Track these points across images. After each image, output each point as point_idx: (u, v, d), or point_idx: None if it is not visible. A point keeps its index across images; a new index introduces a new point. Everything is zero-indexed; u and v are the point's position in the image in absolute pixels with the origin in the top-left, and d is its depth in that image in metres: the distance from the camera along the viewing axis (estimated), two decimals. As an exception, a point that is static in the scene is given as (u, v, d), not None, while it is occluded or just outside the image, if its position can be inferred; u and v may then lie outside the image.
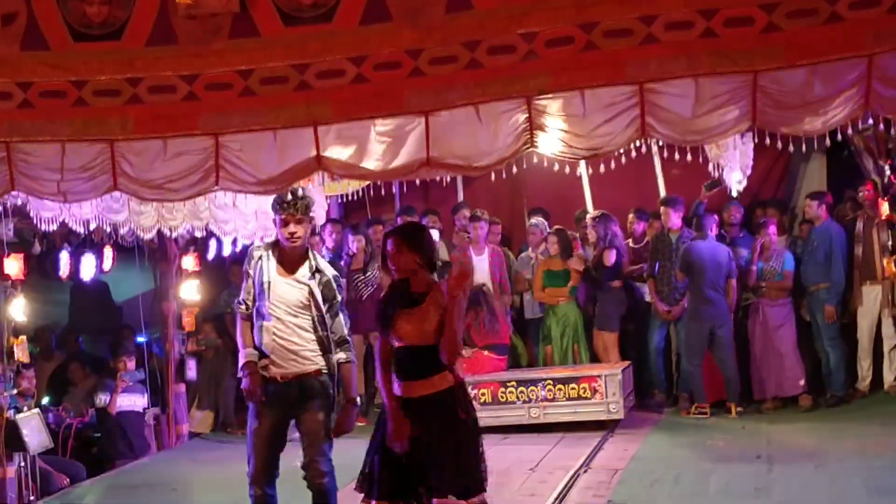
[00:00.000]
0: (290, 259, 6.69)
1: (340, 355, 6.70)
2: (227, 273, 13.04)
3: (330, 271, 6.75)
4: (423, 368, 6.01)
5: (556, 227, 12.61)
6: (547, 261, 12.38)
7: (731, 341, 11.69)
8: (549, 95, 7.24)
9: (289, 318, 6.64)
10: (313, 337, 6.65)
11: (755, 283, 11.87)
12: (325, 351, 6.66)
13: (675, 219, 12.12)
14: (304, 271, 6.68)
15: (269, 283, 6.64)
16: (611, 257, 12.01)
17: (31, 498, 10.33)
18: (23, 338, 10.54)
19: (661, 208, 12.22)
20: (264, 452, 6.64)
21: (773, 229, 11.83)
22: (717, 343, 11.66)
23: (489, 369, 11.68)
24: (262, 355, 6.66)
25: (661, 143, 8.19)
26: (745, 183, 10.86)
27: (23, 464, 10.34)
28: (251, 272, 6.72)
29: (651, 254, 12.31)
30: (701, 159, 7.64)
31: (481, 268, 12.56)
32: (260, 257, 6.72)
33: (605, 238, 12.11)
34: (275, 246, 6.78)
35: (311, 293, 6.63)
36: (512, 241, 13.58)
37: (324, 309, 6.64)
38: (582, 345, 12.31)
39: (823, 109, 6.79)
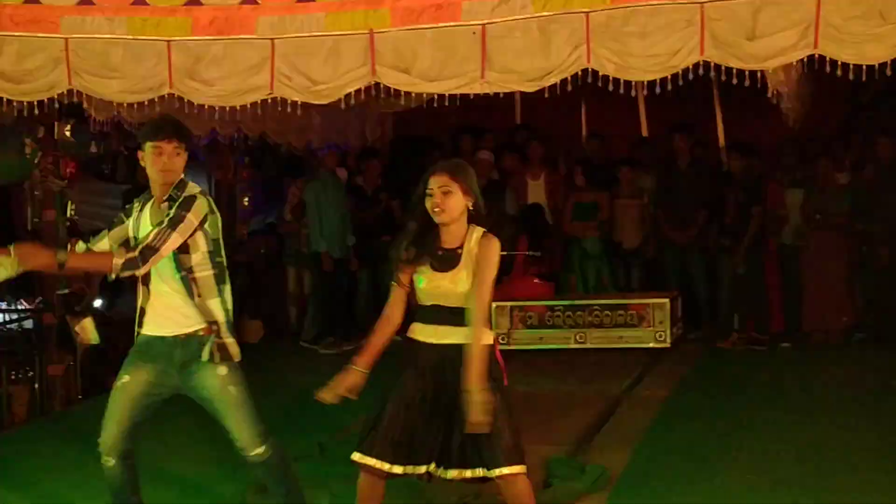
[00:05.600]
0: (160, 200, 5.39)
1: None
2: (280, 185, 13.07)
3: (194, 188, 5.42)
4: (455, 321, 5.10)
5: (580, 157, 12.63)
6: (577, 193, 12.30)
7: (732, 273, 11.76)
8: (608, 11, 7.13)
9: (162, 273, 5.36)
10: (190, 288, 5.37)
11: (809, 219, 11.76)
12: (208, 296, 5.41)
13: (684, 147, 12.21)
14: (166, 209, 5.34)
15: (134, 233, 5.38)
16: None
17: (79, 396, 10.52)
18: (77, 240, 10.67)
19: (676, 135, 12.18)
20: (126, 416, 5.40)
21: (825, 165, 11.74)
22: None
23: (537, 294, 11.71)
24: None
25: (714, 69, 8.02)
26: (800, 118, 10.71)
27: (72, 362, 10.52)
28: (125, 219, 5.46)
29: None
30: (759, 86, 7.49)
31: (537, 192, 12.56)
32: (134, 207, 5.48)
33: None
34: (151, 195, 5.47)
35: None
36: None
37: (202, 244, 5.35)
38: (607, 276, 12.28)
39: (890, 35, 6.63)
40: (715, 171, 12.51)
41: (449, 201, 5.09)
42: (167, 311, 5.40)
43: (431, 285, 5.15)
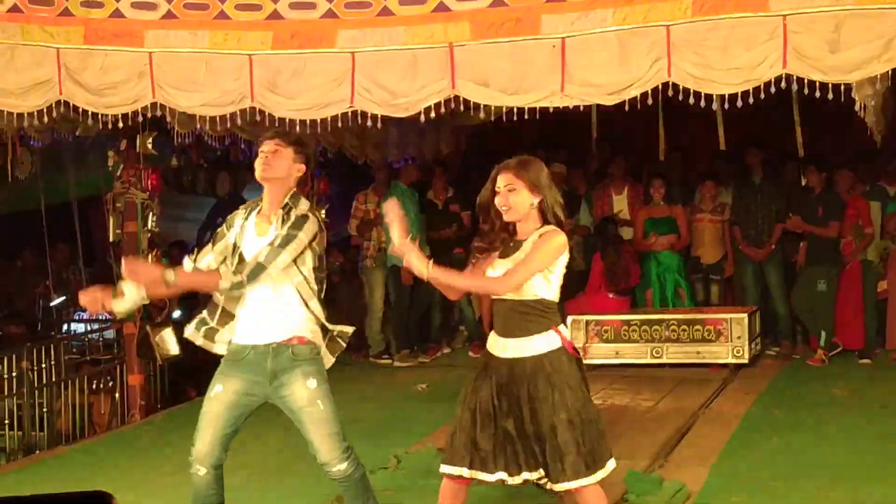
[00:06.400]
0: (267, 209, 5.49)
1: None
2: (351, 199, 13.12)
3: (304, 205, 5.48)
4: (521, 326, 5.10)
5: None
6: (649, 208, 12.22)
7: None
8: (689, 24, 7.10)
9: (266, 283, 5.39)
10: (297, 299, 5.45)
11: (891, 237, 11.61)
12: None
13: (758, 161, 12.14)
14: (276, 220, 5.43)
15: (237, 245, 5.47)
16: None
17: (158, 405, 10.65)
18: (158, 251, 10.82)
19: (749, 150, 12.09)
20: (219, 425, 5.46)
21: None
22: None
23: (612, 309, 11.67)
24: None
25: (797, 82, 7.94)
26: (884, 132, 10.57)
27: (152, 373, 10.66)
28: (226, 231, 5.55)
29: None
30: (843, 99, 7.39)
31: (620, 206, 12.56)
32: (238, 216, 5.57)
33: None
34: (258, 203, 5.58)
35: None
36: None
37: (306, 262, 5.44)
38: (684, 291, 12.18)
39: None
40: (793, 186, 12.38)
41: (514, 199, 5.10)
42: (262, 320, 5.44)
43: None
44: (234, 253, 5.48)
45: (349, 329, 5.70)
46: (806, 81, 7.08)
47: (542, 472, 5.08)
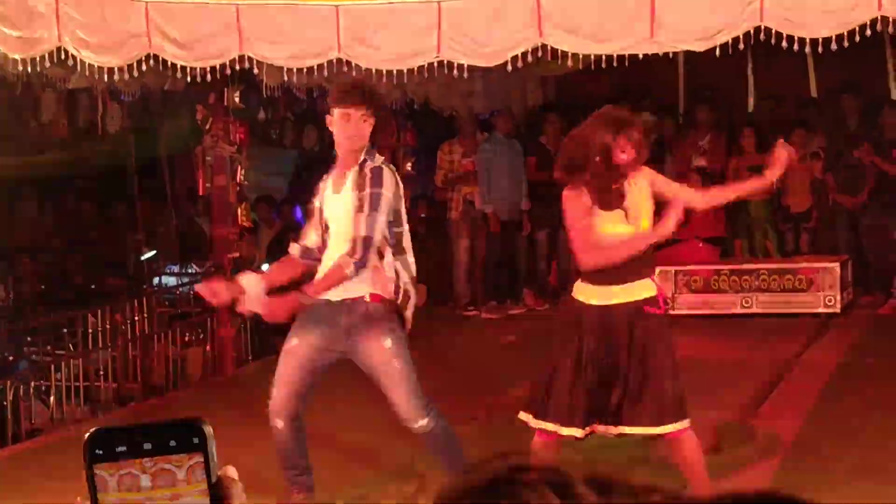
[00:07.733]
0: (343, 167, 5.39)
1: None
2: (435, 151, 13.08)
3: (378, 159, 5.36)
4: (634, 270, 5.07)
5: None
6: (740, 157, 12.03)
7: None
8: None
9: (342, 239, 5.33)
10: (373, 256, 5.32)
11: None
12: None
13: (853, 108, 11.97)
14: (352, 176, 5.31)
15: (320, 206, 5.45)
16: None
17: (249, 357, 10.77)
18: (247, 205, 10.91)
19: (844, 96, 11.87)
20: (295, 378, 5.47)
21: None
22: None
23: (702, 258, 11.54)
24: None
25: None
26: None
27: (242, 325, 10.76)
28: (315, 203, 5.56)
29: None
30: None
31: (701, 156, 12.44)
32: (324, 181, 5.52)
33: None
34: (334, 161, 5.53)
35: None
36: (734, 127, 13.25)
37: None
38: (773, 240, 12.01)
39: None
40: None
41: (641, 152, 5.14)
42: None
43: (607, 230, 5.12)
44: (320, 217, 5.45)
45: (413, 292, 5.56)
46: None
47: (628, 426, 5.06)
